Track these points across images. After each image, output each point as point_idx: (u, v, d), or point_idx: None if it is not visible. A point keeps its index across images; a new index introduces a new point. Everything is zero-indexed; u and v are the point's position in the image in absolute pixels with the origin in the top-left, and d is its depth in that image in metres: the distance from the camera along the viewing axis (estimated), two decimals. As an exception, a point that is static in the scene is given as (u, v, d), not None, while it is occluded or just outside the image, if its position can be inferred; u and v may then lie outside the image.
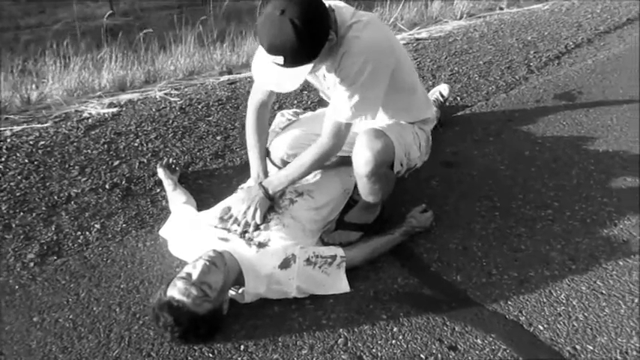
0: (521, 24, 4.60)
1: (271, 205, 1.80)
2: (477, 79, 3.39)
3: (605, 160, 2.48)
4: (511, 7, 5.33)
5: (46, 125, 2.73)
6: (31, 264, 1.84)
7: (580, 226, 2.05)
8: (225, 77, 3.54)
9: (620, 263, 1.86)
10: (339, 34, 1.57)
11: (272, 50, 1.45)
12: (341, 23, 1.57)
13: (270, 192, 1.78)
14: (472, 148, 2.59)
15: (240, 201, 1.77)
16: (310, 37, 1.44)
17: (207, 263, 1.51)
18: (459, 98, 3.11)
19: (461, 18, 5.00)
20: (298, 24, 1.40)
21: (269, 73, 1.55)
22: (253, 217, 1.73)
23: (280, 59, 1.46)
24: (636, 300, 1.71)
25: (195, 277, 1.48)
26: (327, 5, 1.55)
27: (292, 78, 1.50)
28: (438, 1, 5.23)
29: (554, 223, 2.07)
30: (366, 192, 1.81)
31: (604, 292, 1.75)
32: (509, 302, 1.71)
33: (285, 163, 1.92)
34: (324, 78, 1.79)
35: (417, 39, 4.24)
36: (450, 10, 5.13)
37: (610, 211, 2.13)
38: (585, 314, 1.66)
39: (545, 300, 1.72)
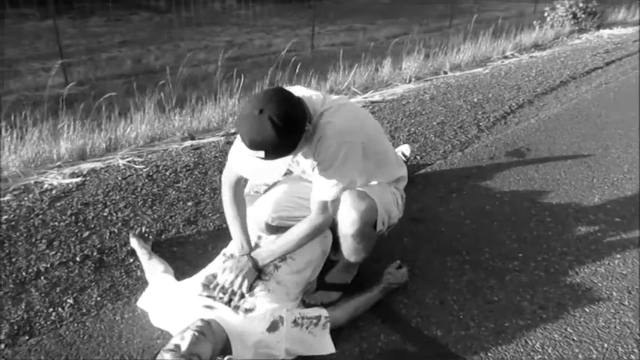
0: (466, 87, 4.92)
1: (257, 275, 1.81)
2: (433, 138, 3.58)
3: (559, 212, 2.65)
4: (454, 71, 5.71)
5: (6, 198, 2.64)
6: (2, 346, 1.74)
7: (545, 275, 2.17)
8: (188, 143, 3.57)
9: (587, 310, 1.97)
10: (313, 122, 1.68)
11: (253, 146, 1.54)
12: (313, 112, 1.68)
13: (260, 264, 1.81)
14: (437, 204, 2.71)
15: (228, 270, 1.78)
16: (288, 132, 1.54)
17: (196, 333, 1.49)
18: (418, 157, 3.27)
19: (409, 81, 5.29)
20: (277, 121, 1.49)
21: (250, 162, 1.63)
22: (240, 287, 1.74)
23: (261, 154, 1.54)
24: (605, 345, 1.81)
25: (184, 348, 1.45)
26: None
27: (273, 169, 1.60)
28: (387, 66, 5.55)
29: (521, 273, 2.18)
30: (350, 252, 1.86)
31: (575, 338, 1.84)
32: (489, 354, 1.77)
33: (269, 227, 1.95)
34: (297, 164, 1.87)
35: (372, 102, 4.45)
36: (399, 74, 5.44)
37: (570, 260, 2.27)
38: (561, 361, 1.74)
39: (522, 349, 1.79)
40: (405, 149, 2.95)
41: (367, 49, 6.16)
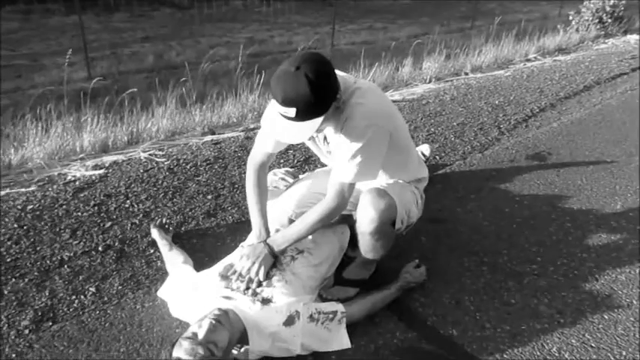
0: (487, 88, 4.89)
1: (273, 261, 1.83)
2: (452, 139, 3.57)
3: (580, 217, 2.63)
4: (475, 73, 5.67)
5: (31, 189, 2.70)
6: (26, 331, 1.78)
7: (564, 280, 2.15)
8: (209, 137, 3.61)
9: (606, 317, 1.95)
10: (344, 98, 1.68)
11: (286, 102, 1.53)
12: (344, 89, 1.68)
13: (275, 250, 1.82)
14: (456, 205, 2.70)
15: (245, 257, 1.80)
16: (322, 91, 1.54)
17: (214, 322, 1.52)
18: (437, 157, 3.26)
19: (430, 82, 5.27)
20: (312, 78, 1.50)
21: (279, 128, 1.62)
22: (257, 274, 1.76)
23: (292, 111, 1.53)
24: (624, 353, 1.79)
25: (201, 336, 1.48)
26: None
27: (301, 131, 1.59)
28: (408, 66, 5.54)
29: (539, 277, 2.17)
30: (368, 249, 1.87)
31: (593, 345, 1.82)
32: (505, 355, 1.76)
33: (292, 222, 1.97)
34: (324, 143, 1.88)
35: (392, 101, 4.43)
36: (419, 74, 5.42)
37: (590, 266, 2.24)
38: (578, 367, 1.73)
39: (538, 353, 1.78)
40: (424, 149, 2.95)
41: (388, 49, 6.15)
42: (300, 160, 3.12)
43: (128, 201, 2.61)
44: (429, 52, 5.89)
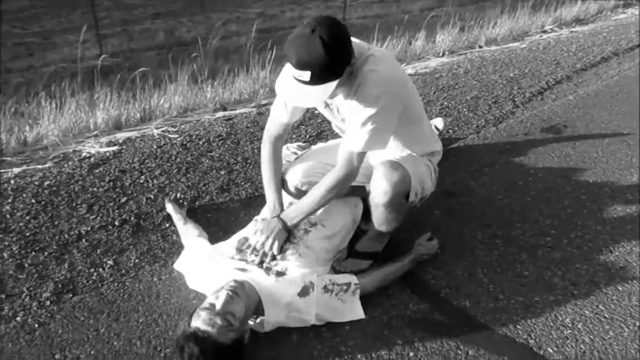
0: (502, 61, 4.81)
1: (287, 236, 1.85)
2: (466, 113, 3.53)
3: (595, 190, 2.60)
4: (490, 45, 5.57)
5: (47, 165, 2.74)
6: (48, 302, 1.84)
7: (578, 253, 2.14)
8: (220, 114, 3.61)
9: (620, 288, 1.95)
10: (357, 64, 1.66)
11: (300, 65, 1.53)
12: (358, 55, 1.66)
13: (289, 224, 1.83)
14: (469, 178, 2.69)
15: (259, 232, 1.82)
16: (337, 54, 1.53)
17: (230, 293, 1.55)
18: (451, 131, 3.24)
19: (443, 55, 5.19)
20: (327, 41, 1.49)
21: (292, 92, 1.62)
22: (271, 248, 1.78)
23: (307, 74, 1.53)
24: (638, 323, 1.79)
25: (219, 307, 1.51)
26: None
27: (315, 95, 1.58)
28: (421, 39, 5.45)
29: (553, 250, 2.16)
30: (381, 221, 1.88)
31: (607, 316, 1.83)
32: (518, 326, 1.78)
33: (299, 191, 1.98)
34: (337, 111, 1.87)
35: (405, 76, 4.39)
36: (432, 48, 5.33)
37: (605, 238, 2.23)
38: (591, 337, 1.74)
39: (552, 324, 1.79)
40: (438, 122, 2.93)
41: (401, 22, 6.04)
42: (312, 135, 3.12)
43: (142, 177, 2.63)
44: (442, 24, 5.78)
